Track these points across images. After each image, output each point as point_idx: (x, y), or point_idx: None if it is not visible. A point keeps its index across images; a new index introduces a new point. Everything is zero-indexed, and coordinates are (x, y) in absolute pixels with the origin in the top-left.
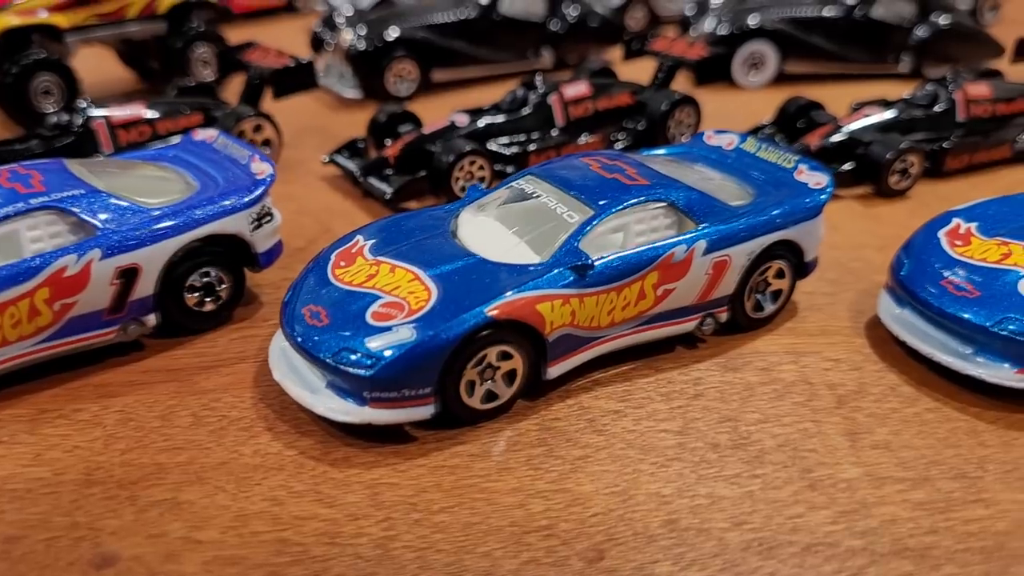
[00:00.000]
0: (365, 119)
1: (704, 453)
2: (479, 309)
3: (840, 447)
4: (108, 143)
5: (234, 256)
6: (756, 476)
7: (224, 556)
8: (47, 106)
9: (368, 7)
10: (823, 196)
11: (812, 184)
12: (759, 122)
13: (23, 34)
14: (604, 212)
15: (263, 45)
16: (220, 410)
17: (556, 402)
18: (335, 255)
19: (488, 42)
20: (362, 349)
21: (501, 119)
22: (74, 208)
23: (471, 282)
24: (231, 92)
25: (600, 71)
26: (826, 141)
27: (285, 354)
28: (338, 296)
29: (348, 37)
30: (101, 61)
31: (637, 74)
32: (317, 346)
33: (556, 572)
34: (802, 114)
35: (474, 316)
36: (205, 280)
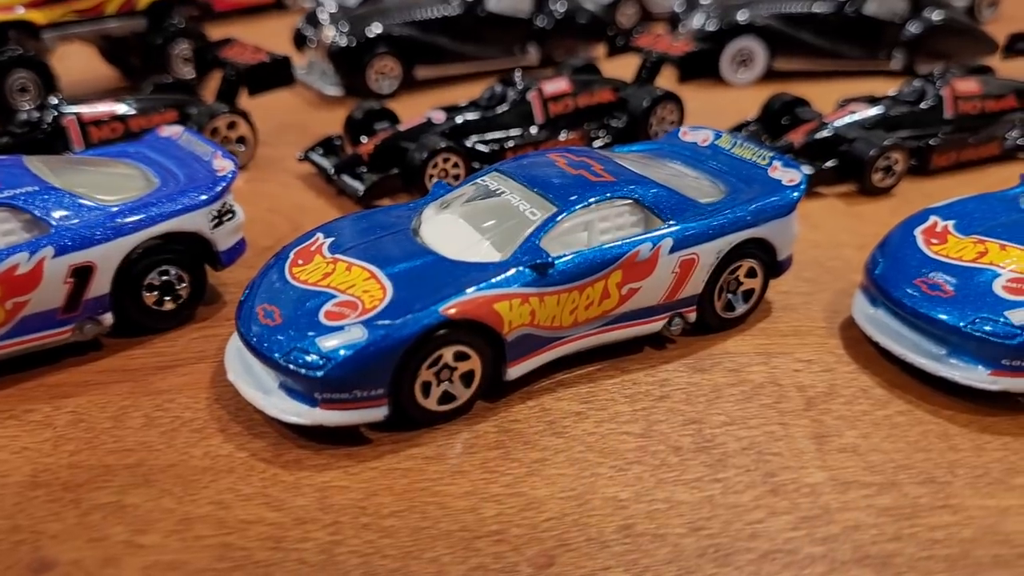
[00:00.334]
0: (346, 117)
1: (665, 456)
2: (433, 308)
3: (806, 451)
4: (79, 140)
5: (194, 254)
6: (717, 480)
7: (164, 561)
8: (23, 103)
9: (354, 4)
10: (795, 193)
11: (786, 181)
12: (745, 119)
13: None
14: (567, 209)
15: (241, 41)
16: (173, 411)
17: (517, 403)
18: (294, 253)
19: (473, 39)
20: (313, 349)
21: (479, 116)
22: (27, 205)
23: (427, 281)
24: (212, 89)
25: (583, 67)
26: (810, 138)
27: (241, 354)
28: (293, 295)
29: (330, 34)
30: (83, 58)
31: (625, 71)
32: (269, 346)
33: None
34: (787, 111)
35: (428, 315)
36: (164, 279)
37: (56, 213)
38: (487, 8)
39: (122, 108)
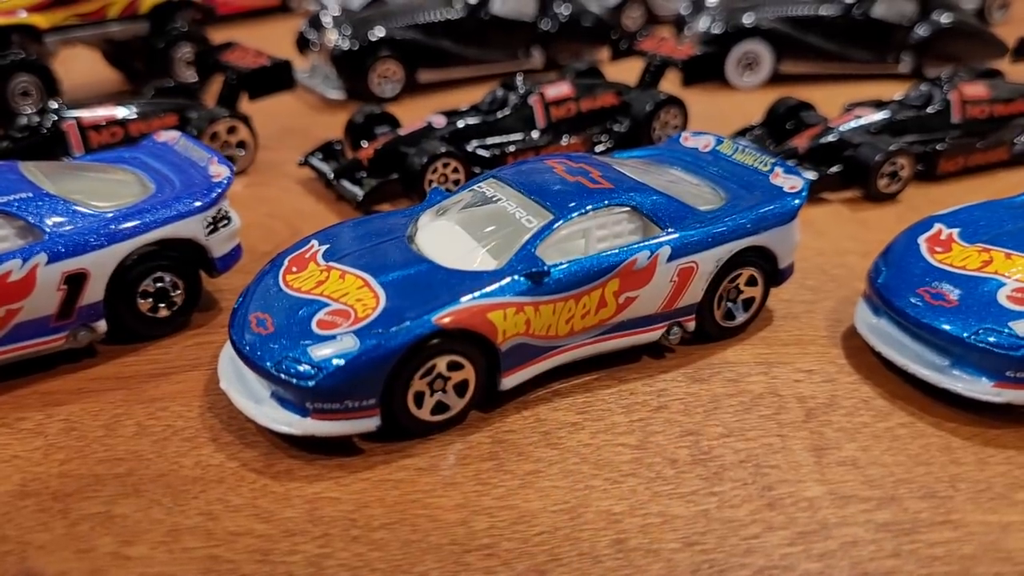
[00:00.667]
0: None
1: (661, 469)
2: (426, 318)
3: (805, 463)
4: (79, 145)
5: (189, 261)
6: (713, 494)
7: (151, 573)
8: (25, 107)
9: (358, 7)
10: (797, 200)
11: (787, 188)
12: (749, 123)
13: (2, 34)
14: (564, 217)
15: (242, 45)
16: (166, 419)
17: (512, 413)
18: (288, 260)
19: (476, 42)
20: (305, 359)
21: (480, 120)
22: (21, 212)
23: (421, 289)
24: (214, 93)
25: (587, 71)
26: (815, 143)
27: (234, 362)
28: (285, 303)
29: (332, 37)
30: (87, 62)
31: (629, 75)
32: (261, 355)
33: None
34: (792, 115)
35: (420, 325)
36: (159, 285)
37: (50, 220)
38: (491, 11)
39: (122, 112)
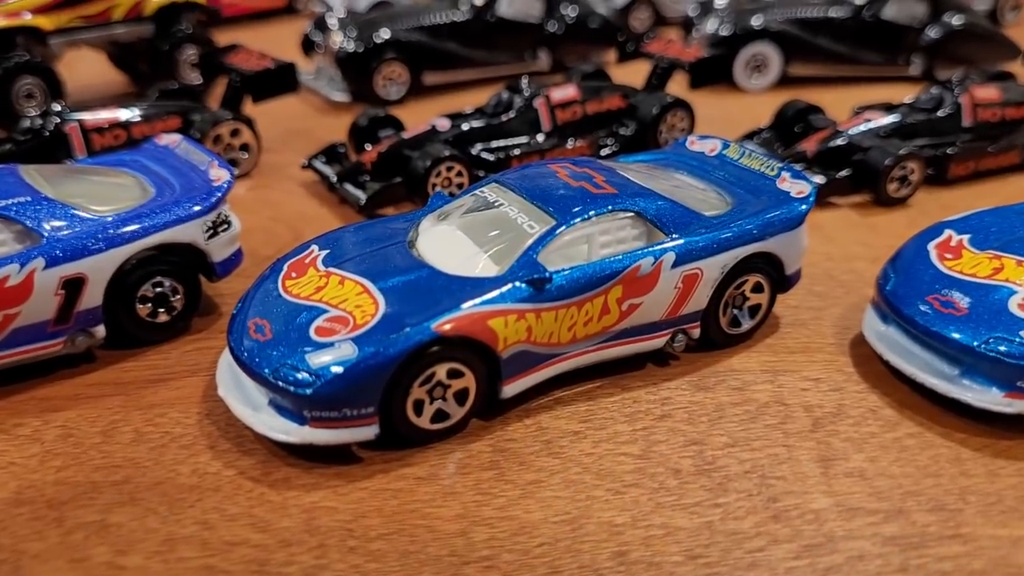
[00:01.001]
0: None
1: (664, 479)
2: (426, 325)
3: (811, 474)
4: (81, 147)
5: (189, 265)
6: (718, 505)
7: None
8: (29, 109)
9: (363, 9)
10: (804, 206)
11: (794, 193)
12: (757, 127)
13: (7, 36)
14: (566, 222)
15: (247, 48)
16: (164, 426)
17: (513, 422)
18: (287, 265)
19: (482, 44)
20: (303, 366)
21: (484, 123)
22: (19, 216)
23: (421, 296)
24: (218, 96)
25: (593, 73)
26: (824, 146)
27: (232, 369)
28: (284, 310)
29: (338, 39)
30: (92, 64)
31: (636, 77)
32: (259, 362)
33: None
34: (800, 118)
35: (419, 332)
36: (158, 290)
37: (48, 224)
38: (497, 13)
39: (125, 115)
